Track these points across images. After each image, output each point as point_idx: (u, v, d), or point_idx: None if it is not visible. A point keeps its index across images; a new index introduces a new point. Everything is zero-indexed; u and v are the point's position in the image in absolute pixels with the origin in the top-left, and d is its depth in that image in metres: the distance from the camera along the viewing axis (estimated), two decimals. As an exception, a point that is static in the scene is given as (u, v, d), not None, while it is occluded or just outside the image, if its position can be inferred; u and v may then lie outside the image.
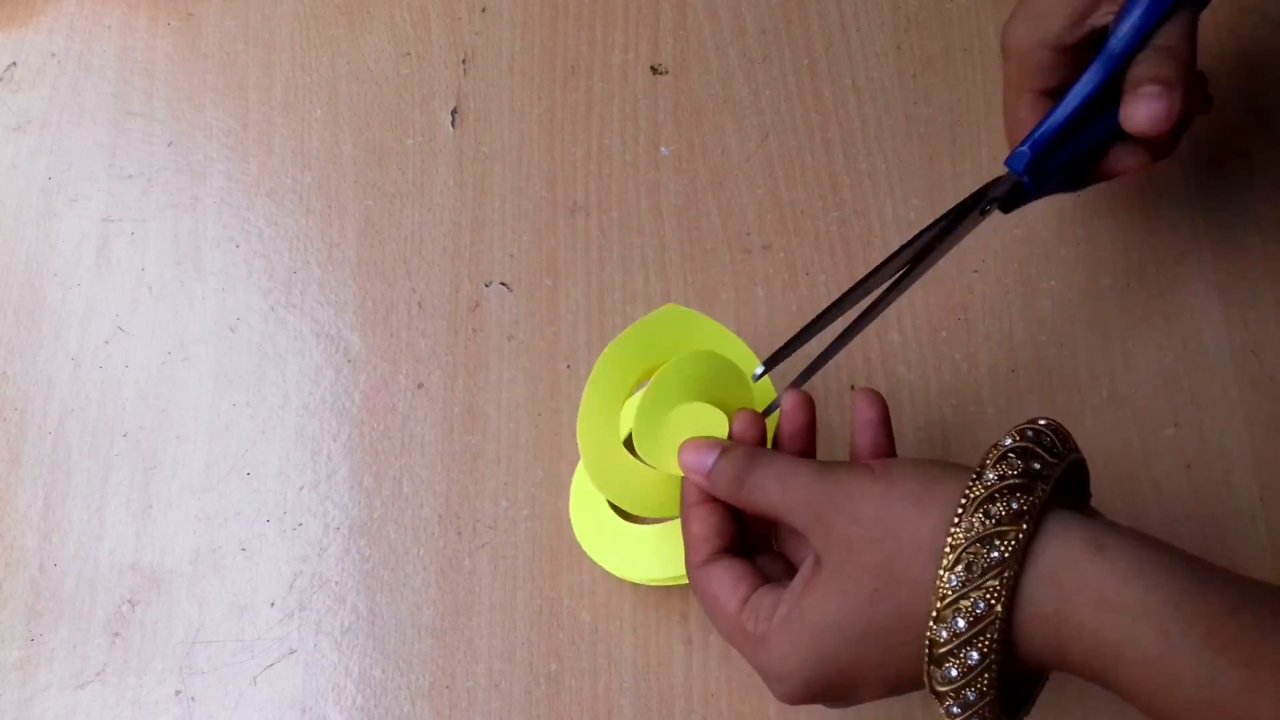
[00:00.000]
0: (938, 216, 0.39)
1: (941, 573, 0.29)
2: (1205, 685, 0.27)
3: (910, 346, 0.48)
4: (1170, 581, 0.28)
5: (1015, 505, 0.29)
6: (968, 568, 0.29)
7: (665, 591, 0.45)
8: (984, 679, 0.29)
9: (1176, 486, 0.45)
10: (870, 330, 0.48)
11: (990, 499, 0.29)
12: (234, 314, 0.50)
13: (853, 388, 0.47)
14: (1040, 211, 0.49)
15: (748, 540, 0.37)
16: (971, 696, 0.29)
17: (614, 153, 0.52)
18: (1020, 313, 0.48)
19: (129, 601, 0.46)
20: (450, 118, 0.53)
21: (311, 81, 0.54)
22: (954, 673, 0.29)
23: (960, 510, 0.29)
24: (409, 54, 0.54)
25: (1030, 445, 0.31)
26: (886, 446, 0.36)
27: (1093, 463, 0.32)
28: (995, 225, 0.50)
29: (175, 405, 0.49)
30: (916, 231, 0.39)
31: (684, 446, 0.37)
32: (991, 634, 0.29)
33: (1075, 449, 0.32)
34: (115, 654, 0.45)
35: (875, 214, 0.50)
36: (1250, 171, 0.49)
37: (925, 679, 0.30)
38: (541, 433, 0.47)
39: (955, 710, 0.30)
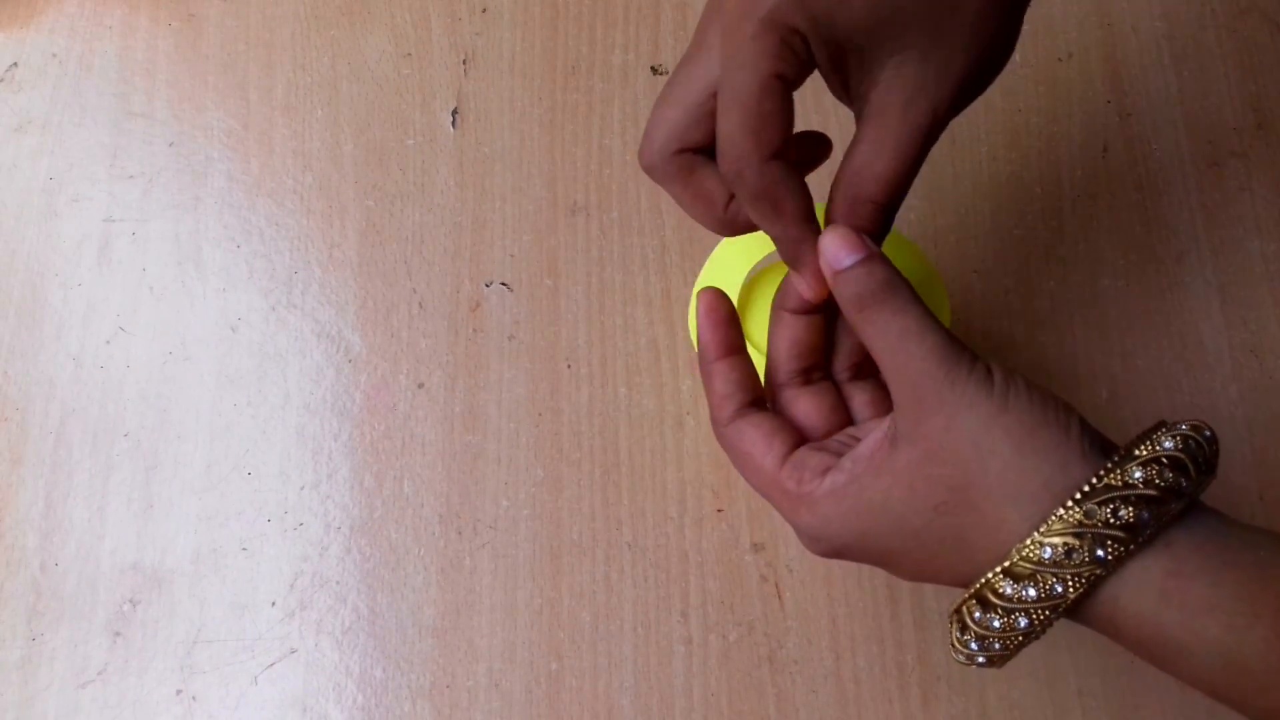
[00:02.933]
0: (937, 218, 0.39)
1: (1036, 535, 0.28)
2: (1274, 672, 0.26)
3: (910, 346, 0.48)
4: (1236, 576, 0.27)
5: (1145, 516, 0.27)
6: (1067, 551, 0.27)
7: (665, 591, 0.45)
8: (1018, 639, 0.29)
9: (1176, 486, 0.45)
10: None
11: (1125, 498, 0.27)
12: (235, 314, 0.50)
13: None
14: (1040, 211, 0.50)
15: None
16: (997, 646, 0.29)
17: (614, 153, 0.52)
18: (1020, 313, 0.48)
19: (130, 601, 0.46)
20: (451, 118, 0.53)
21: (312, 82, 0.54)
22: (996, 624, 0.29)
23: (1088, 489, 0.27)
24: (410, 54, 0.54)
25: (1186, 459, 0.28)
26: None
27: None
28: (995, 225, 0.50)
29: (176, 405, 0.49)
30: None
31: (832, 229, 0.31)
32: (1052, 612, 0.28)
33: (1215, 469, 0.29)
34: (116, 653, 0.45)
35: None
36: (1250, 171, 0.49)
37: (959, 607, 0.30)
38: (542, 433, 0.47)
39: (972, 646, 0.29)
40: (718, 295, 0.35)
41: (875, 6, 0.30)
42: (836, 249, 0.31)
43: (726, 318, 0.35)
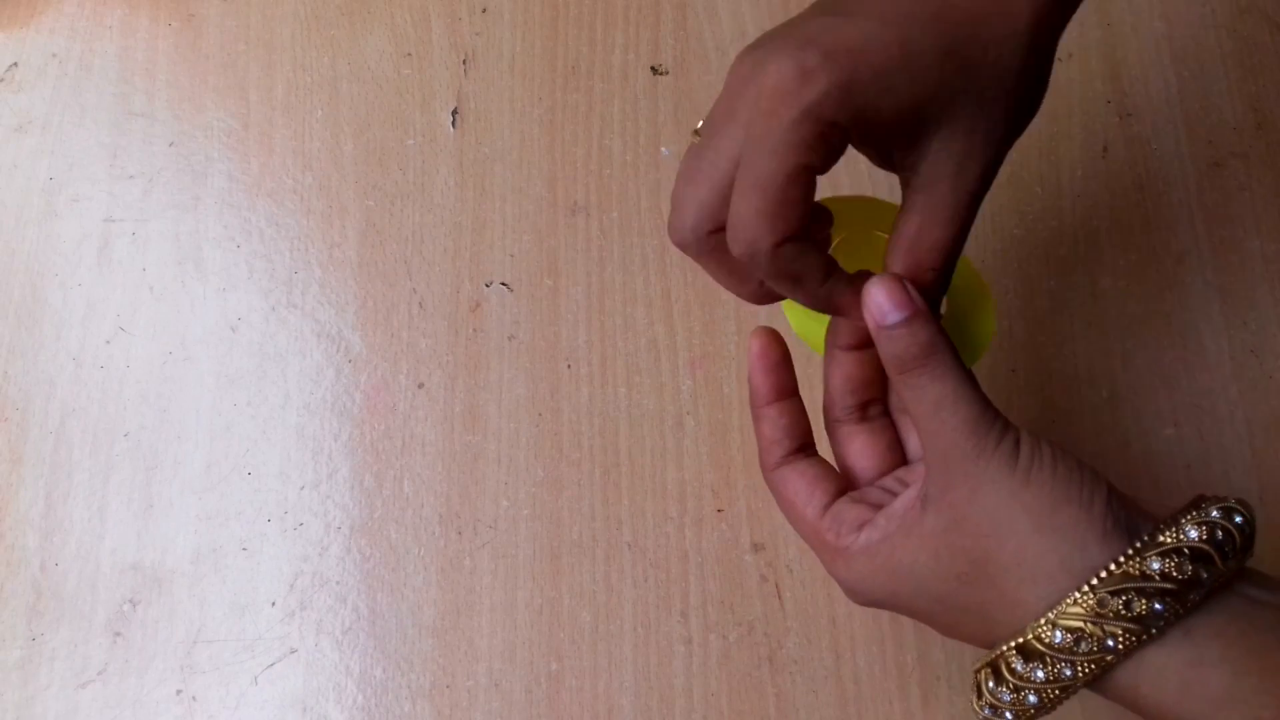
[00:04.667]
0: None
1: (1049, 617, 0.28)
2: None
3: (910, 346, 0.48)
4: (1260, 665, 0.27)
5: (1158, 609, 0.27)
6: (1077, 639, 0.27)
7: (665, 591, 0.45)
8: (1030, 713, 0.29)
9: (1176, 486, 0.45)
10: (870, 330, 0.48)
11: (1140, 590, 0.27)
12: (235, 314, 0.50)
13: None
14: (1040, 211, 0.50)
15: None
16: (1009, 716, 0.29)
17: (614, 153, 0.52)
18: (1020, 313, 0.48)
19: (130, 601, 0.46)
20: (451, 118, 0.53)
21: (312, 82, 0.54)
22: (1005, 697, 0.29)
23: (1105, 575, 0.27)
24: (410, 54, 0.54)
25: (1211, 550, 0.27)
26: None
27: (1093, 463, 0.32)
28: (995, 225, 0.50)
29: (176, 405, 0.49)
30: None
31: (879, 281, 0.31)
32: (1061, 693, 0.28)
33: (1249, 550, 0.29)
34: (116, 653, 0.45)
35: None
36: (1250, 171, 0.49)
37: (975, 674, 0.30)
38: (542, 433, 0.47)
39: (986, 712, 0.30)
40: (771, 338, 0.35)
41: (920, 88, 0.29)
42: (883, 302, 0.31)
43: (779, 361, 0.35)
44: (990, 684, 0.29)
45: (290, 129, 0.53)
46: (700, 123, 0.32)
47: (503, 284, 0.50)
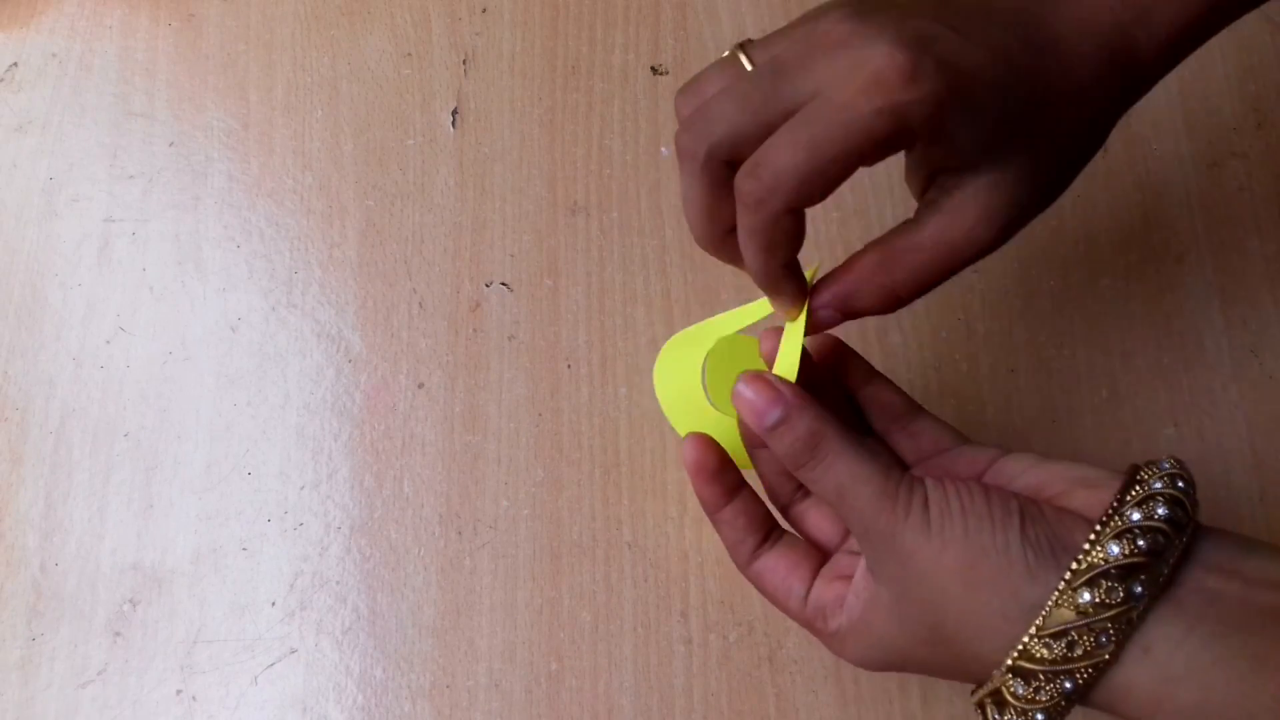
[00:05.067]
0: None
1: (1000, 672, 0.28)
2: None
3: (910, 347, 0.48)
4: (1226, 675, 0.26)
5: (1104, 640, 0.27)
6: (1035, 688, 0.28)
7: (665, 591, 0.45)
8: None
9: (1176, 486, 0.45)
10: (870, 331, 0.48)
11: (1080, 628, 0.27)
12: (235, 314, 0.50)
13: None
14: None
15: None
16: None
17: (614, 153, 0.52)
18: (1020, 313, 0.48)
19: (130, 601, 0.46)
20: (451, 118, 0.53)
21: (312, 82, 0.54)
22: None
23: (1041, 621, 0.27)
24: (410, 54, 0.54)
25: (1138, 557, 0.27)
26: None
27: (1092, 463, 0.32)
28: (995, 225, 0.50)
29: (176, 405, 0.49)
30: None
31: (744, 380, 0.32)
32: None
33: (1187, 527, 0.28)
34: (116, 653, 0.45)
35: (875, 214, 0.50)
36: (1250, 171, 0.49)
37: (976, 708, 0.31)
38: (542, 433, 0.47)
39: None
40: (703, 446, 0.35)
41: (995, 129, 0.29)
42: (755, 401, 0.31)
43: (718, 467, 0.35)
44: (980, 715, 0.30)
45: (290, 129, 0.53)
46: (748, 41, 0.31)
47: (503, 284, 0.50)
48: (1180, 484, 0.28)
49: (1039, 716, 0.28)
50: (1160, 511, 0.27)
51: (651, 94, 0.53)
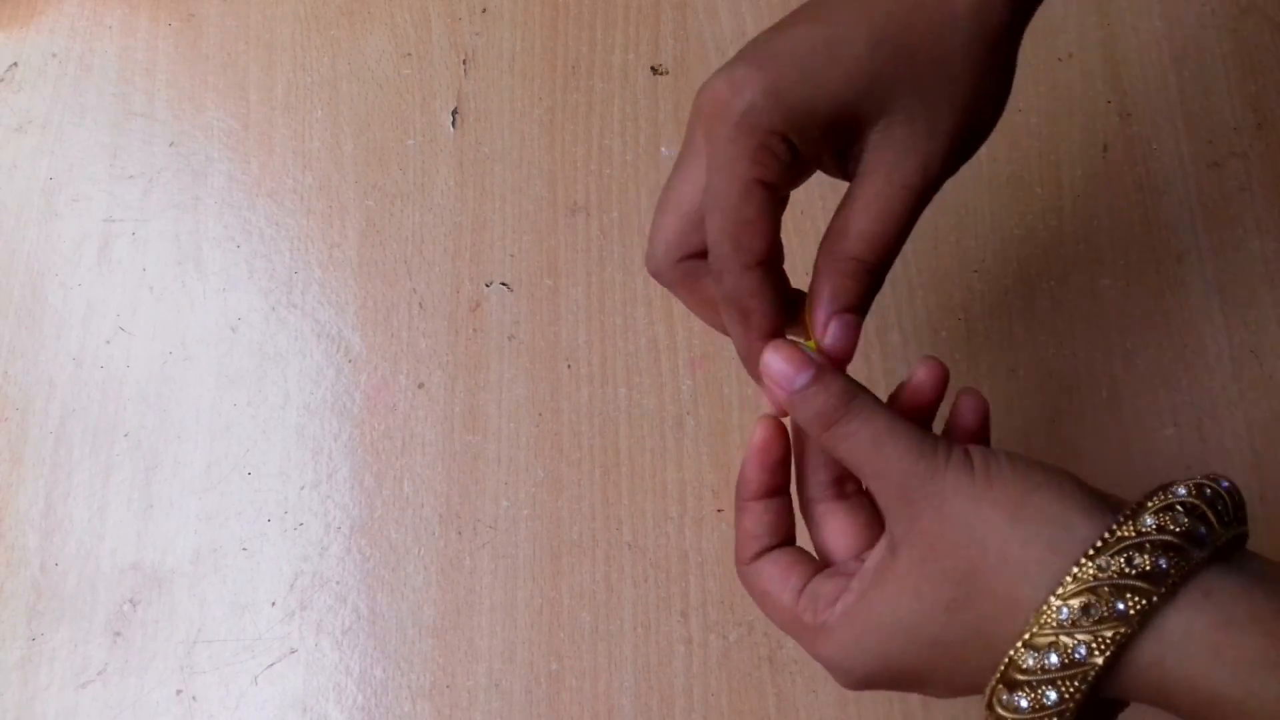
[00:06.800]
0: None
1: (1053, 600, 0.26)
2: None
3: (910, 346, 0.48)
4: None
5: (1163, 564, 0.26)
6: (1085, 608, 0.26)
7: (665, 591, 0.45)
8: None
9: (1176, 486, 0.45)
10: (870, 331, 0.48)
11: (1139, 546, 0.26)
12: (235, 314, 0.50)
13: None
14: (1040, 211, 0.50)
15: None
16: None
17: (614, 153, 0.52)
18: (1020, 313, 0.48)
19: (130, 601, 0.46)
20: (451, 118, 0.53)
21: (312, 82, 0.54)
22: (1023, 704, 0.27)
23: (1101, 544, 0.26)
24: (410, 54, 0.54)
25: (1203, 506, 0.27)
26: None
27: (1093, 463, 0.32)
28: (995, 225, 0.50)
29: (176, 405, 0.49)
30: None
31: (774, 347, 0.31)
32: (1081, 682, 0.26)
33: (1245, 521, 0.28)
34: (116, 653, 0.45)
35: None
36: (1250, 171, 0.49)
37: (987, 695, 0.28)
38: (542, 433, 0.47)
39: None
40: (775, 433, 0.33)
41: (852, 79, 0.29)
42: (784, 368, 0.30)
43: (779, 460, 0.33)
44: (1004, 697, 0.27)
45: (290, 129, 0.53)
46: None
47: (503, 284, 0.50)
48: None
49: (1080, 652, 0.26)
50: (1224, 484, 0.28)
51: (651, 94, 0.53)
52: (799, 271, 0.50)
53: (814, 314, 0.31)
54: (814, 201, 0.50)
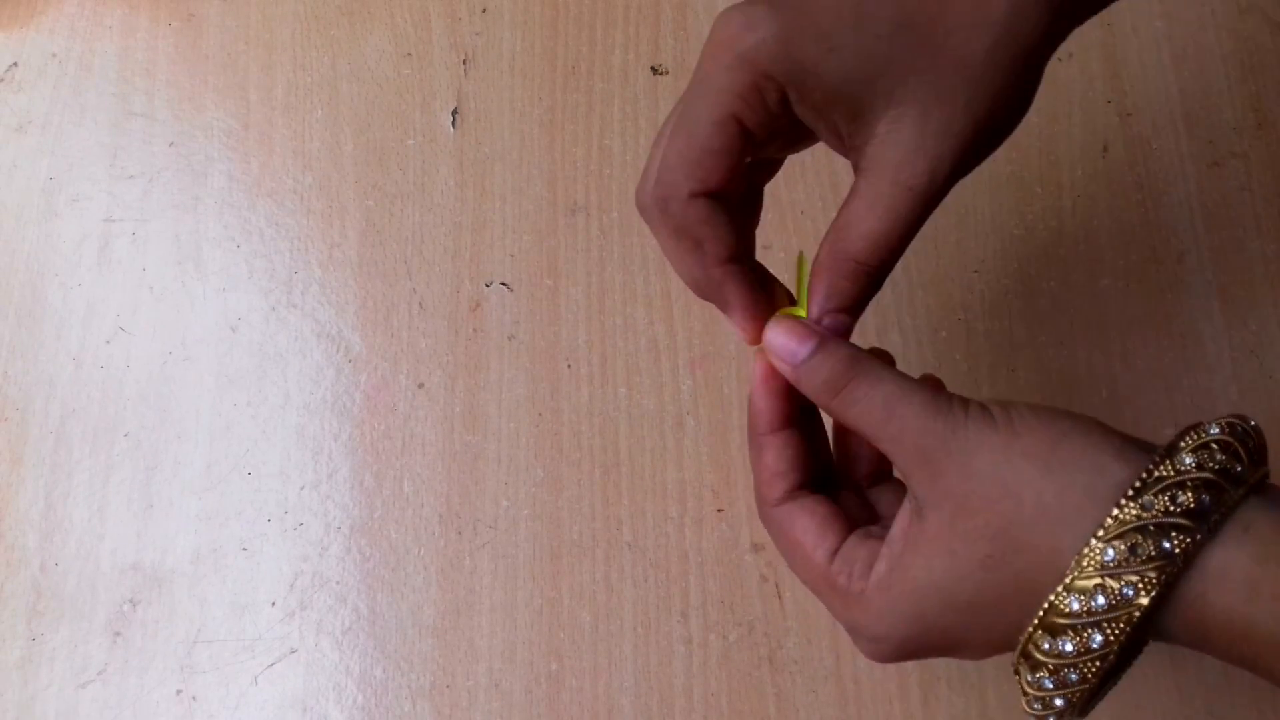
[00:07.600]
0: None
1: (1095, 542, 0.25)
2: None
3: (910, 346, 0.48)
4: None
5: (1206, 501, 0.25)
6: (1132, 548, 0.25)
7: (665, 591, 0.45)
8: (1095, 664, 0.26)
9: (1176, 486, 0.45)
10: (870, 331, 0.48)
11: (1180, 484, 0.25)
12: (235, 314, 0.50)
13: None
14: (1040, 211, 0.50)
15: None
16: (1074, 678, 0.26)
17: (614, 153, 0.52)
18: (1020, 313, 0.48)
19: (130, 601, 0.46)
20: (451, 118, 0.53)
21: (312, 82, 0.54)
22: (1068, 648, 0.26)
23: (1140, 484, 0.26)
24: (410, 54, 0.54)
25: (1235, 443, 0.26)
26: None
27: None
28: (995, 225, 0.50)
29: (176, 405, 0.49)
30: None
31: (774, 322, 0.30)
32: (1126, 624, 0.26)
33: (1266, 460, 0.27)
34: (116, 653, 0.45)
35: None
36: (1250, 171, 0.49)
37: (1024, 642, 0.27)
38: (542, 433, 0.47)
39: (1047, 684, 0.27)
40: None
41: (868, 58, 0.28)
42: (786, 342, 0.30)
43: (785, 386, 0.31)
44: (1045, 645, 0.27)
45: (290, 129, 0.53)
46: None
47: (503, 284, 0.50)
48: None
49: (1128, 593, 0.25)
50: (1252, 422, 0.27)
51: (651, 94, 0.53)
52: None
53: (809, 309, 0.31)
54: (814, 202, 0.50)
